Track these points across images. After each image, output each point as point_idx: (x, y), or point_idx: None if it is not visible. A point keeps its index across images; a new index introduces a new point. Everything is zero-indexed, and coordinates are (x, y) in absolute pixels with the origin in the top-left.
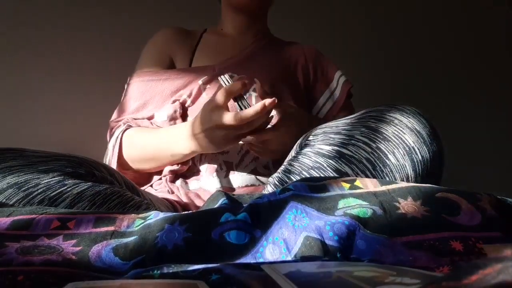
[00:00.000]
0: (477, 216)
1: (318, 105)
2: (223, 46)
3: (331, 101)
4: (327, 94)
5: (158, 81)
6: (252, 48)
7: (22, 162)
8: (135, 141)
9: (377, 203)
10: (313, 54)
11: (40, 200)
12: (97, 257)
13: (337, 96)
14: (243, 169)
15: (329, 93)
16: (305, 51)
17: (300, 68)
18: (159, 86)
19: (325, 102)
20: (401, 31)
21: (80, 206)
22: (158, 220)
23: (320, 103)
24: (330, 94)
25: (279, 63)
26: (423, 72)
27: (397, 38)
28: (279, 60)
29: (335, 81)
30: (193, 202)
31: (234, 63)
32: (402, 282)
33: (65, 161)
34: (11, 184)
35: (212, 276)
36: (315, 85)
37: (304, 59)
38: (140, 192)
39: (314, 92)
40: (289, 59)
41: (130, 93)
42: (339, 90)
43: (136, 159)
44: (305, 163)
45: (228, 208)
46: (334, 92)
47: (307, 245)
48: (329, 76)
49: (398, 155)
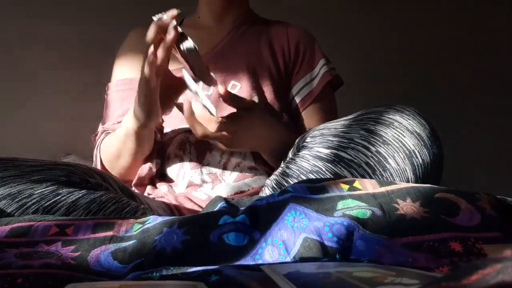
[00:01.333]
0: (476, 216)
1: (293, 91)
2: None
3: (308, 88)
4: (305, 81)
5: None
6: (228, 38)
7: (15, 172)
8: (106, 144)
9: (376, 204)
10: (297, 36)
11: (35, 211)
12: (96, 261)
13: (314, 85)
14: (229, 177)
15: (308, 79)
16: (289, 33)
17: (281, 51)
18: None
19: (301, 89)
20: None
21: (76, 214)
22: (156, 224)
23: (296, 88)
24: (308, 81)
25: (259, 50)
26: (423, 72)
27: (397, 38)
28: (259, 46)
29: (317, 68)
30: (183, 205)
31: (209, 59)
32: (402, 282)
33: (58, 170)
34: (4, 195)
35: (211, 278)
36: (294, 70)
37: (287, 42)
38: (136, 196)
39: (293, 76)
40: (270, 43)
41: (110, 104)
42: (318, 79)
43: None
44: (303, 167)
45: (226, 211)
46: (313, 80)
47: (306, 246)
48: (311, 62)
49: (399, 159)
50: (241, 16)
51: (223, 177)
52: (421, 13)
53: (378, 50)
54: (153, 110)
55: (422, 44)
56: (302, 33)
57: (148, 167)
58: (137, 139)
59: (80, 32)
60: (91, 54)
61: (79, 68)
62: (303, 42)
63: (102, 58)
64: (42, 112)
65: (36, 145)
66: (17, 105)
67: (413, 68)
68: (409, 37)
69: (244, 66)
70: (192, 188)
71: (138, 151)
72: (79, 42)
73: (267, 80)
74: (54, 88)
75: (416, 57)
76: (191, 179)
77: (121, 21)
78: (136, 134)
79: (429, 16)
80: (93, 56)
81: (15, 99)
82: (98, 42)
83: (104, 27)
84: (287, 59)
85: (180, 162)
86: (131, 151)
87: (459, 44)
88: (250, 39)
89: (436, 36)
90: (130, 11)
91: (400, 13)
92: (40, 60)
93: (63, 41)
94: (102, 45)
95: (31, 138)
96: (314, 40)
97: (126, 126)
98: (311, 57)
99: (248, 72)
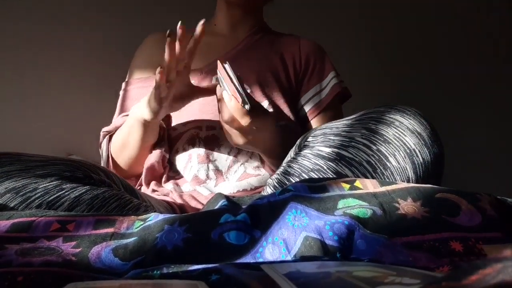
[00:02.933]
0: (477, 216)
1: (302, 101)
2: (214, 47)
3: (318, 98)
4: (315, 91)
5: (149, 88)
6: (242, 45)
7: (19, 166)
8: (114, 137)
9: (377, 204)
10: (308, 48)
11: (38, 205)
12: (96, 258)
13: (324, 95)
14: (233, 175)
15: (318, 90)
16: (301, 44)
17: (292, 61)
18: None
19: (310, 98)
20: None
21: (78, 210)
22: (158, 221)
23: (305, 98)
24: (318, 91)
25: (270, 58)
26: (423, 72)
27: (397, 37)
28: (271, 54)
29: (327, 79)
30: (188, 204)
31: None
32: (402, 282)
33: (63, 165)
34: (9, 189)
35: (212, 276)
36: (304, 80)
37: (298, 53)
38: (138, 194)
39: (303, 86)
40: (282, 53)
41: (124, 101)
42: (328, 90)
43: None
44: (305, 165)
45: (227, 209)
46: (322, 91)
47: (307, 245)
48: (322, 73)
49: (399, 157)
50: (255, 26)
51: (228, 175)
52: (421, 14)
53: (378, 50)
54: (161, 112)
55: (422, 45)
56: (314, 45)
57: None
58: (142, 128)
59: (86, 33)
60: (96, 56)
61: (83, 69)
62: (313, 53)
63: (107, 60)
64: (46, 113)
65: (39, 145)
66: (21, 105)
67: (412, 68)
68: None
69: (255, 73)
70: (197, 182)
71: (142, 140)
72: (84, 43)
73: (276, 88)
74: (58, 89)
75: (416, 57)
76: (197, 173)
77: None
78: (141, 124)
79: (429, 17)
80: (97, 57)
81: (19, 99)
82: (103, 44)
83: (109, 30)
84: (298, 69)
85: (188, 156)
86: (135, 141)
87: (459, 44)
88: (262, 47)
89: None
90: (136, 15)
91: (400, 13)
92: (44, 60)
93: (68, 42)
94: (107, 48)
95: (34, 137)
96: (324, 53)
97: (133, 115)
98: (321, 69)
99: (259, 79)
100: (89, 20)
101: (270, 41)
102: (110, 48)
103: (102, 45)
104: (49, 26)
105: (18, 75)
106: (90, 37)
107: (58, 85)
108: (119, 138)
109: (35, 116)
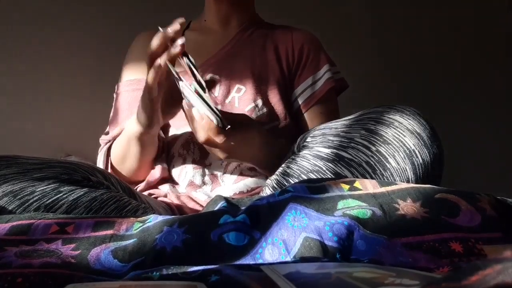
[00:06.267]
0: (476, 216)
1: (296, 92)
2: (205, 45)
3: (311, 90)
4: (309, 82)
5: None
6: (234, 42)
7: (17, 169)
8: (113, 147)
9: (377, 204)
10: (301, 40)
11: (36, 208)
12: (96, 260)
13: (317, 88)
14: (229, 178)
15: (311, 82)
16: (293, 36)
17: (285, 54)
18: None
19: (303, 90)
20: (402, 30)
21: (77, 212)
22: (157, 223)
23: (299, 90)
24: (311, 83)
25: (263, 52)
26: (423, 72)
27: (397, 37)
28: (264, 48)
29: (321, 71)
30: (185, 205)
31: (215, 62)
32: (402, 283)
33: (60, 168)
34: (6, 192)
35: (211, 277)
36: (297, 72)
37: (291, 45)
38: (137, 195)
39: (296, 78)
40: (275, 46)
41: (118, 105)
42: (322, 82)
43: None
44: (304, 166)
45: (227, 210)
46: (316, 83)
47: (307, 245)
48: (315, 65)
49: (399, 158)
50: (247, 20)
51: (223, 179)
52: (421, 13)
53: (378, 51)
54: (154, 117)
55: (422, 44)
56: (307, 36)
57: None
58: (140, 143)
59: (83, 34)
60: (93, 56)
61: (81, 70)
62: (307, 45)
63: (105, 60)
64: (44, 113)
65: (37, 146)
66: (19, 106)
67: (412, 67)
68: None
69: (249, 69)
70: (192, 187)
71: (142, 154)
72: (82, 44)
73: (271, 83)
74: (56, 90)
75: (416, 57)
76: (192, 179)
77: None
78: (138, 139)
79: (429, 16)
80: (95, 58)
81: (16, 100)
82: (101, 44)
83: (107, 30)
84: (291, 62)
85: (183, 161)
86: (135, 154)
87: (459, 44)
88: (255, 42)
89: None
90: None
91: (400, 14)
92: (42, 61)
93: (66, 42)
94: (105, 48)
95: (32, 139)
96: (319, 44)
97: (129, 130)
98: (315, 60)
99: (253, 76)
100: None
101: (263, 35)
102: (107, 47)
103: (100, 44)
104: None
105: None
106: (89, 37)
107: (56, 86)
108: (118, 150)
109: (33, 117)
